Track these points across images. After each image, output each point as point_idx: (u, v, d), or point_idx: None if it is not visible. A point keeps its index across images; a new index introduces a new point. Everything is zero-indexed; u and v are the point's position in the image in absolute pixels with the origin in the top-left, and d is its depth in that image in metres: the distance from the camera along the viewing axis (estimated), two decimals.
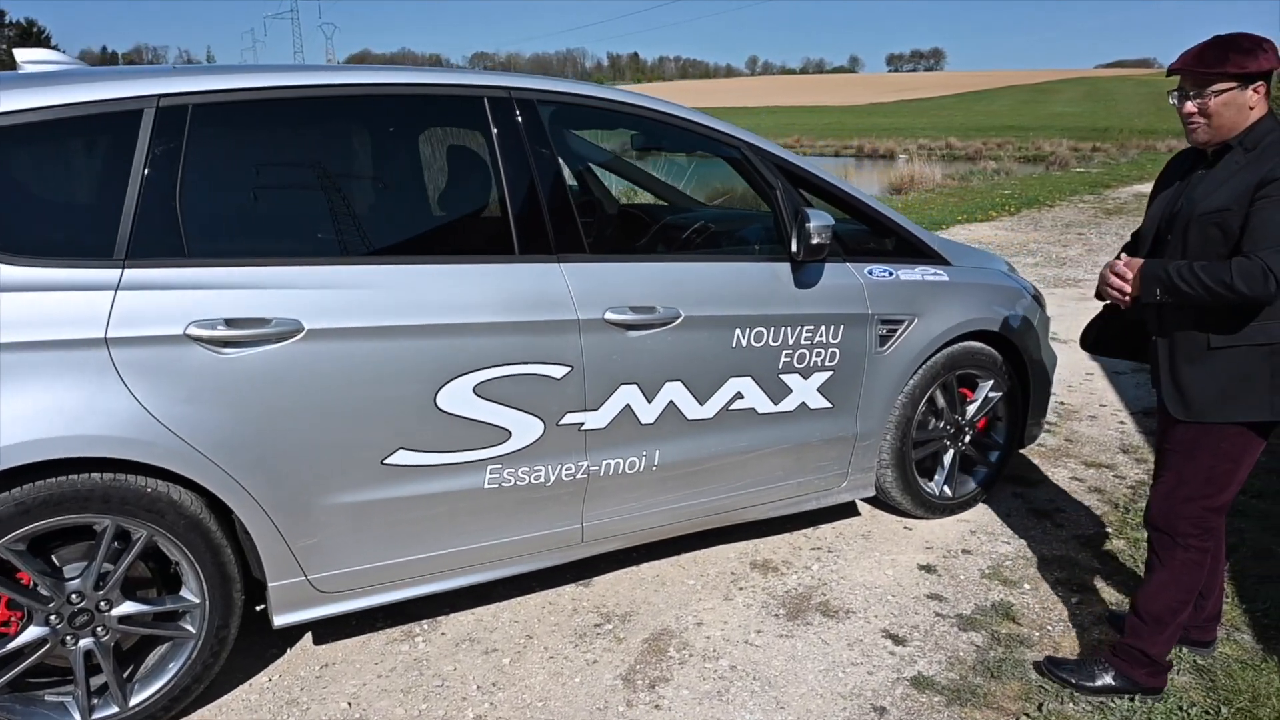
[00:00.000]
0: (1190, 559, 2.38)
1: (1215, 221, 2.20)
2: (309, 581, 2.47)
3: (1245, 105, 2.18)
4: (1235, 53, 2.16)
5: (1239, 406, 2.24)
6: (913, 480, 3.49)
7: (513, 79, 2.72)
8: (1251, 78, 2.17)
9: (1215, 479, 2.32)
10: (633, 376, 2.76)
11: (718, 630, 2.83)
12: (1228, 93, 2.18)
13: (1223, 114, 2.19)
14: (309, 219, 2.45)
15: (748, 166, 3.08)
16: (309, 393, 2.34)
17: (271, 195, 2.44)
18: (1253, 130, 2.21)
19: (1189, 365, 2.29)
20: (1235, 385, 2.23)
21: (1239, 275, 2.08)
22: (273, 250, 2.34)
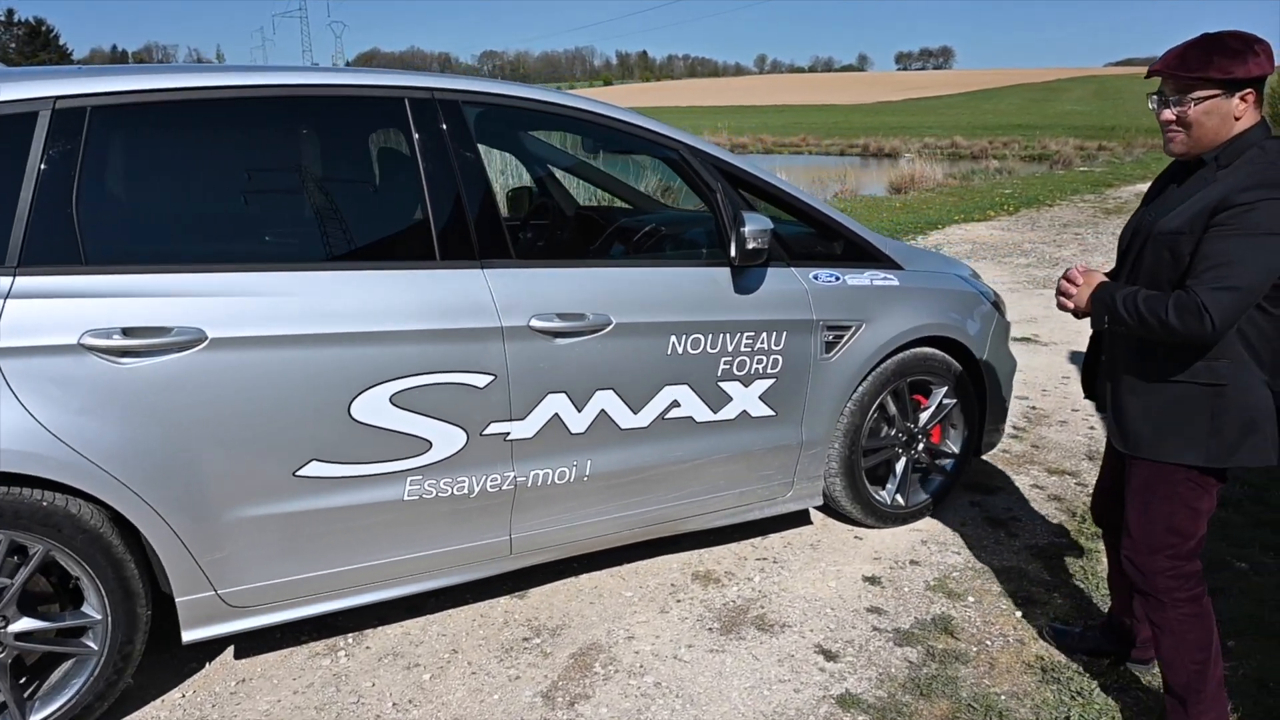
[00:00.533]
0: (1185, 614, 2.15)
1: (1168, 245, 2.02)
2: (219, 596, 2.42)
3: (1229, 115, 1.97)
4: (1221, 55, 1.93)
5: (1175, 446, 2.07)
6: (863, 489, 3.42)
7: (436, 79, 2.66)
8: (1238, 84, 1.95)
9: (1177, 528, 2.13)
10: (561, 385, 2.70)
11: (648, 645, 2.76)
12: (1210, 100, 1.96)
13: (1203, 124, 1.99)
14: (214, 224, 2.40)
15: (686, 169, 3.01)
16: (213, 403, 2.28)
17: (174, 200, 2.38)
18: (1233, 144, 1.99)
19: (1131, 395, 2.15)
20: (1173, 423, 2.07)
21: (1174, 311, 1.91)
22: (175, 257, 2.29)
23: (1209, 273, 1.90)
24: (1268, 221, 1.87)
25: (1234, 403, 2.01)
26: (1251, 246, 1.88)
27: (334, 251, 2.50)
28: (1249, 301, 1.90)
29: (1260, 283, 1.90)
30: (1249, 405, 2.01)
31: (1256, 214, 1.87)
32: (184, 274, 2.26)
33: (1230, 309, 1.88)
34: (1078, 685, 2.54)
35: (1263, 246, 1.88)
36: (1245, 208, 1.88)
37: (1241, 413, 2.01)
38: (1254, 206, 1.87)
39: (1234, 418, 2.01)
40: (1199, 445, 2.04)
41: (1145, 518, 2.16)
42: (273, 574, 2.47)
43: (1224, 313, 1.87)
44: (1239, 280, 1.88)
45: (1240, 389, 2.00)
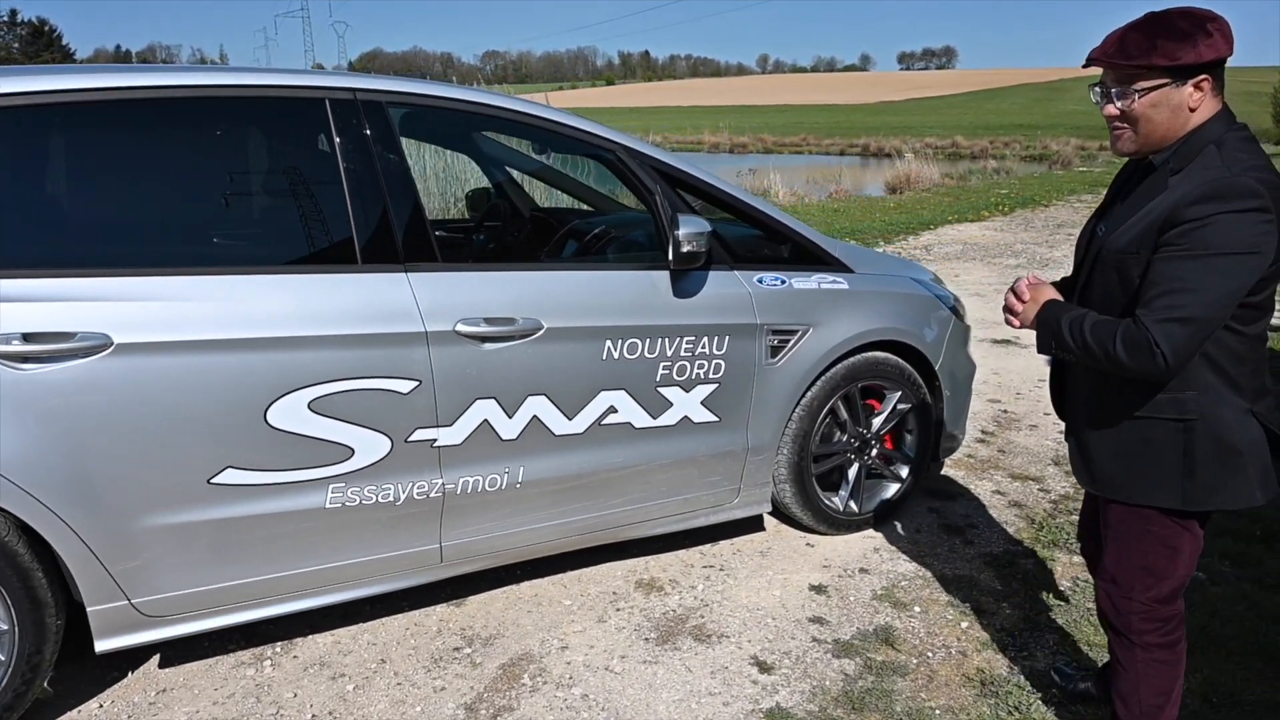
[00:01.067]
0: (1153, 659, 1.98)
1: (1116, 266, 1.81)
2: (132, 605, 2.36)
3: (1182, 106, 1.73)
4: (1166, 38, 1.68)
5: (1145, 488, 1.86)
6: (813, 495, 3.36)
7: (359, 80, 2.61)
8: (1189, 71, 1.70)
9: (1154, 569, 1.92)
10: (490, 391, 2.64)
11: (581, 655, 2.70)
12: (1157, 91, 1.73)
13: (1152, 118, 1.75)
14: (122, 227, 2.34)
15: (625, 171, 2.95)
16: (121, 410, 2.23)
17: (80, 203, 2.32)
18: (1187, 142, 1.75)
19: (1094, 431, 1.94)
20: (1142, 463, 1.85)
21: (1123, 344, 1.70)
22: (80, 260, 2.23)
23: (1159, 300, 1.68)
24: (1221, 239, 1.64)
25: (1207, 439, 1.79)
26: (1205, 270, 1.65)
27: (248, 255, 2.45)
28: (1206, 332, 1.69)
29: (1218, 311, 1.68)
30: (1225, 440, 1.79)
31: (1209, 231, 1.65)
32: (89, 278, 2.21)
33: (1185, 343, 1.67)
34: (1015, 700, 2.48)
35: (1217, 269, 1.65)
36: (1196, 224, 1.66)
37: (1217, 449, 1.79)
38: (1205, 223, 1.65)
39: (1209, 455, 1.79)
40: (1171, 487, 1.83)
41: (1120, 557, 1.97)
42: (190, 583, 2.42)
43: (1177, 347, 1.66)
44: (1193, 309, 1.65)
45: (1213, 422, 1.78)
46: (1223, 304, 1.68)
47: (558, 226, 3.74)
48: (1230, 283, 1.67)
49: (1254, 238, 1.65)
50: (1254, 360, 1.80)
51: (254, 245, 2.50)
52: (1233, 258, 1.66)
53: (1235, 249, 1.65)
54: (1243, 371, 1.78)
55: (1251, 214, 1.65)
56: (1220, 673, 2.57)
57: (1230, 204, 1.65)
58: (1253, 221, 1.65)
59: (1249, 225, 1.65)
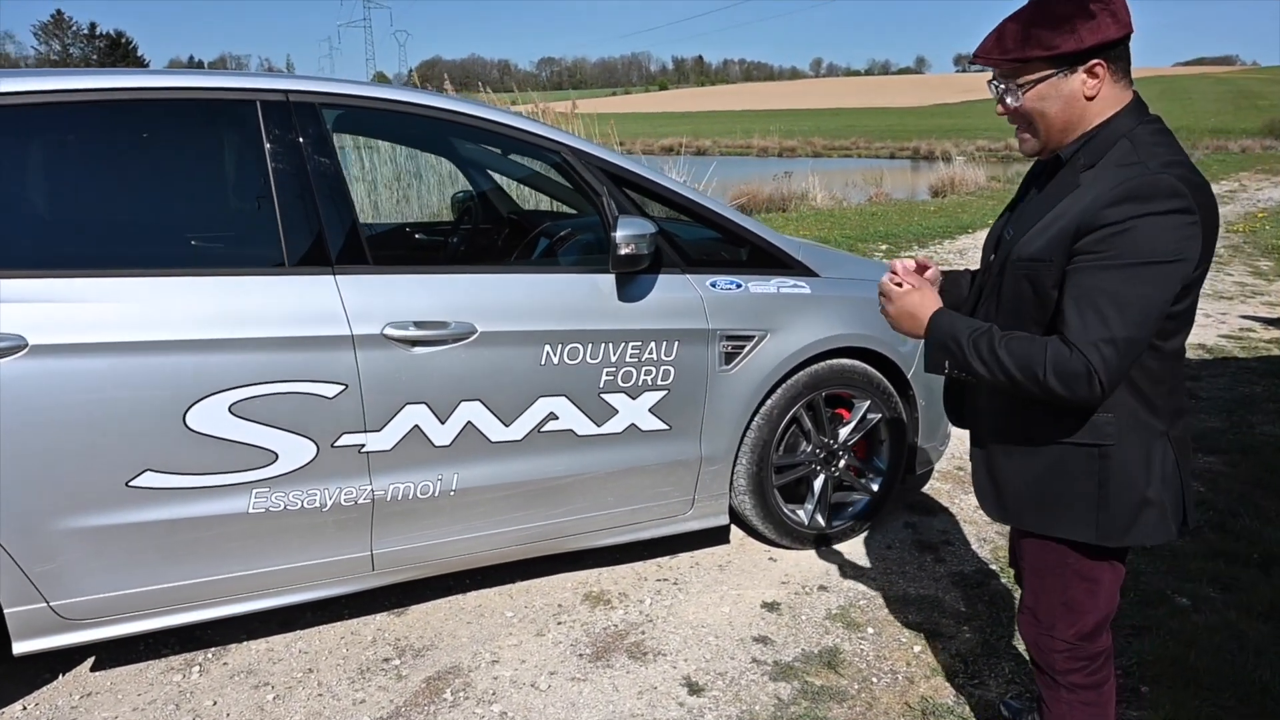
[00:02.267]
0: (1078, 700, 1.81)
1: (1027, 274, 1.62)
2: (51, 608, 2.35)
3: (1075, 96, 1.57)
4: (1042, 26, 1.54)
5: (1059, 519, 1.69)
6: (774, 507, 3.24)
7: (292, 81, 2.58)
8: (1073, 58, 1.54)
9: (1073, 605, 1.76)
10: (420, 396, 2.59)
11: (510, 670, 2.63)
12: (1042, 83, 1.57)
13: (1044, 113, 1.59)
14: (40, 229, 2.34)
15: (570, 171, 2.88)
16: (35, 412, 2.22)
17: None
18: (1097, 135, 1.59)
19: (1004, 458, 1.76)
20: (1055, 493, 1.68)
21: (1054, 370, 1.50)
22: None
23: (1086, 318, 1.49)
24: (1146, 245, 1.47)
25: (1123, 467, 1.63)
26: (1131, 280, 1.48)
27: (171, 257, 2.42)
28: (1136, 352, 1.52)
29: (1147, 328, 1.51)
30: (1140, 470, 1.63)
31: (1131, 237, 1.48)
32: (4, 280, 2.21)
33: (1118, 365, 1.49)
34: None
35: (1144, 279, 1.48)
36: (1116, 229, 1.48)
37: (1132, 479, 1.63)
38: (1125, 227, 1.48)
39: (1124, 485, 1.64)
40: (1087, 520, 1.66)
41: (1038, 592, 1.81)
42: (109, 586, 2.40)
43: (1112, 371, 1.49)
44: (1124, 328, 1.48)
45: (1130, 449, 1.62)
46: (1152, 319, 1.51)
47: (527, 230, 3.69)
48: (1158, 294, 1.49)
49: (1178, 242, 1.48)
50: (1172, 379, 1.62)
51: (179, 247, 2.48)
52: (1158, 266, 1.48)
53: (1160, 256, 1.48)
54: (1160, 391, 1.61)
55: (1174, 215, 1.48)
56: (1185, 710, 2.39)
57: (1151, 205, 1.47)
58: (1176, 224, 1.48)
59: (1173, 229, 1.48)
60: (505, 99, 11.77)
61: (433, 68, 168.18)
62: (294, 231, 2.49)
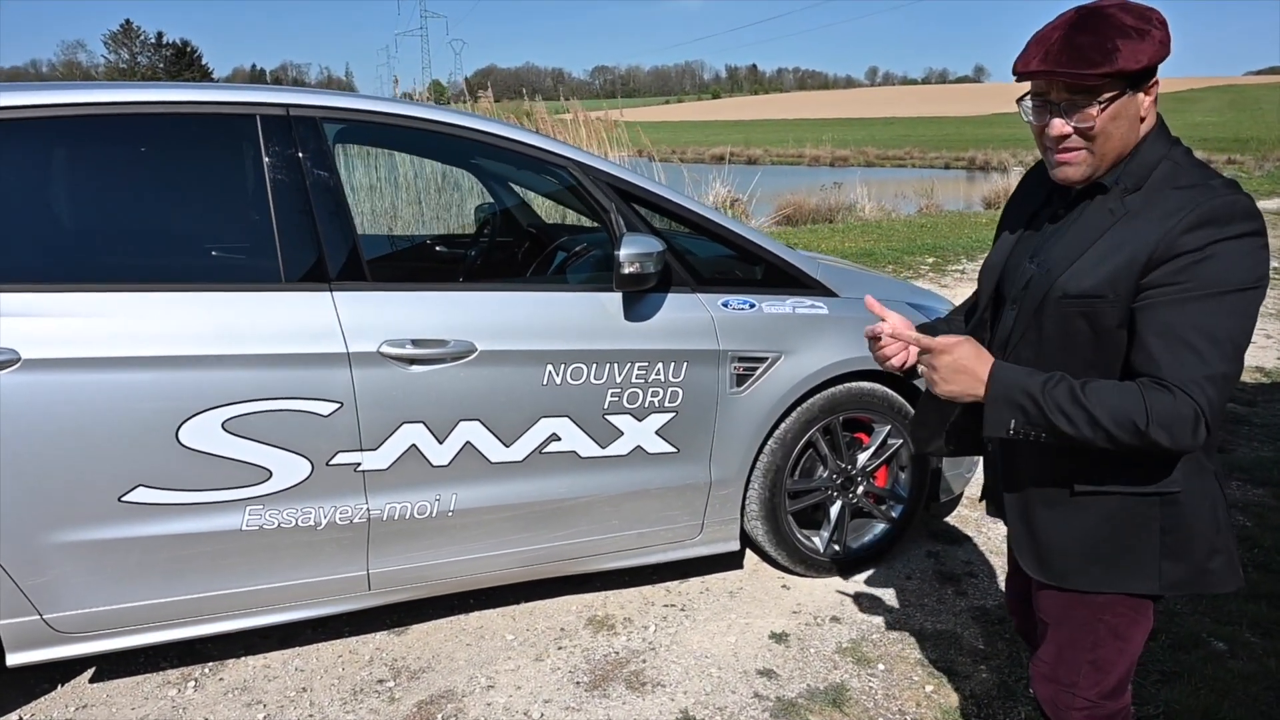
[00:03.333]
0: None
1: (1083, 312, 1.48)
2: (44, 621, 2.36)
3: (1136, 117, 1.46)
4: (1123, 37, 1.40)
5: (1116, 574, 1.56)
6: (788, 534, 3.13)
7: (293, 95, 2.56)
8: (1145, 75, 1.44)
9: (1101, 663, 1.63)
10: (418, 415, 2.55)
11: (504, 696, 2.57)
12: (1118, 100, 1.43)
13: (1112, 134, 1.46)
14: (33, 243, 2.34)
15: (578, 187, 2.82)
16: (28, 425, 2.23)
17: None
18: (1135, 158, 1.48)
19: (1047, 510, 1.62)
20: (1111, 545, 1.56)
21: (1158, 418, 1.35)
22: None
23: (1184, 355, 1.36)
24: (1227, 272, 1.36)
25: (1191, 513, 1.52)
26: (1220, 311, 1.36)
27: (167, 271, 2.41)
28: (1232, 388, 1.40)
29: (1241, 359, 1.40)
30: (1208, 515, 1.52)
31: (1214, 264, 1.36)
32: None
33: (1219, 403, 1.37)
34: None
35: (1232, 308, 1.37)
36: (1196, 256, 1.37)
37: (1201, 525, 1.52)
38: (1207, 254, 1.37)
39: (1193, 532, 1.52)
40: (1148, 572, 1.54)
41: (1062, 647, 1.67)
42: (103, 600, 2.39)
43: (1215, 411, 1.36)
44: (1222, 362, 1.36)
45: (1198, 494, 1.51)
46: (1243, 350, 1.40)
47: (545, 244, 3.65)
48: (1244, 324, 1.39)
49: (1258, 266, 1.38)
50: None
51: (175, 261, 2.47)
52: (1243, 294, 1.38)
53: (1244, 283, 1.38)
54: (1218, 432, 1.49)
55: (1250, 238, 1.38)
56: None
57: (1230, 228, 1.37)
58: (1253, 248, 1.39)
59: (1250, 253, 1.38)
60: (550, 106, 11.80)
61: (487, 76, 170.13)
62: (292, 247, 2.47)
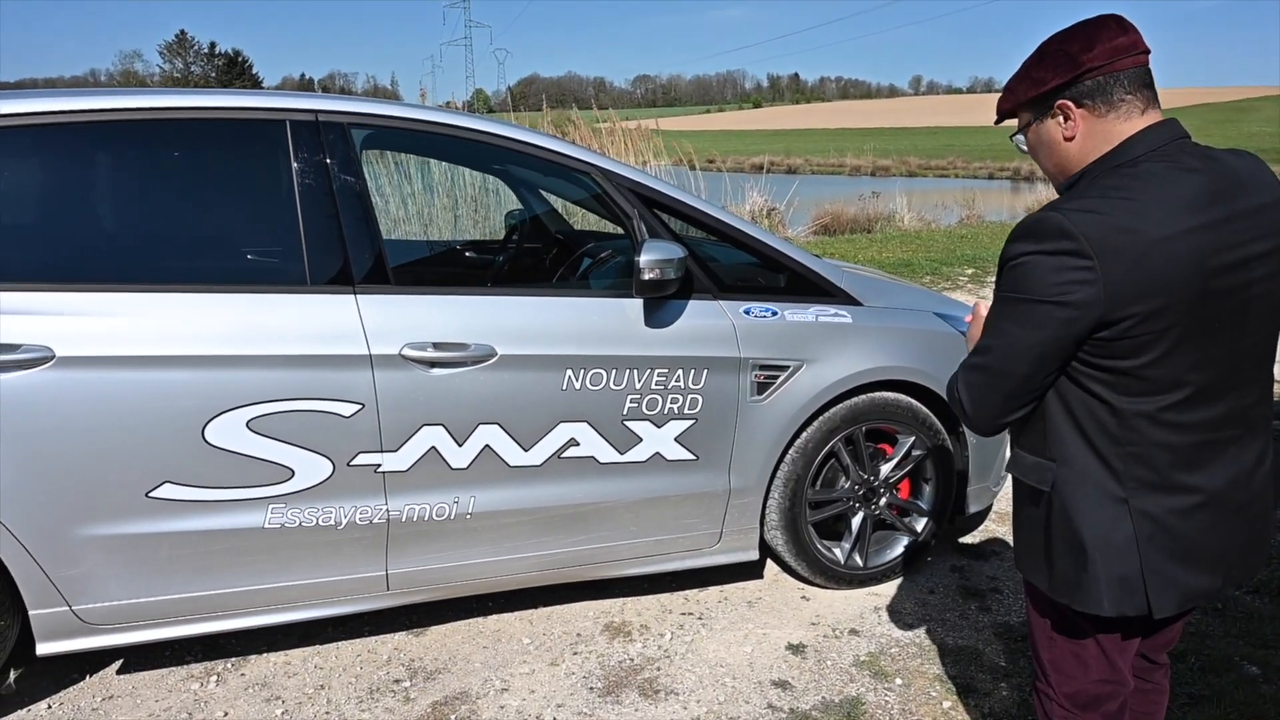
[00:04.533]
0: None
1: None
2: (73, 612, 2.42)
3: (1054, 141, 1.51)
4: (1017, 78, 1.55)
5: (1024, 561, 1.61)
6: (808, 545, 3.11)
7: (322, 101, 2.61)
8: (1038, 103, 1.51)
9: (1058, 664, 1.63)
10: (438, 417, 2.58)
11: (518, 700, 2.58)
12: (1027, 130, 1.56)
13: (1039, 158, 1.59)
14: (73, 244, 2.41)
15: (601, 193, 2.84)
16: (61, 421, 2.29)
17: (35, 219, 2.41)
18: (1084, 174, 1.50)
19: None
20: (1022, 531, 1.63)
21: (949, 387, 1.59)
22: (29, 275, 2.31)
23: (975, 344, 1.57)
24: (1023, 282, 1.41)
25: (1058, 519, 1.51)
26: (1005, 315, 1.45)
27: (196, 273, 2.47)
28: (1006, 387, 1.46)
29: (1017, 365, 1.43)
30: (1074, 527, 1.48)
31: (1016, 273, 1.43)
32: (35, 292, 2.28)
33: (980, 394, 1.49)
34: None
35: (1014, 315, 1.43)
36: (1010, 264, 1.45)
37: (1067, 534, 1.50)
38: (1013, 264, 1.44)
39: (1060, 539, 1.51)
40: (1039, 567, 1.57)
41: (1033, 634, 1.69)
42: (129, 594, 2.45)
43: (975, 398, 1.50)
44: (988, 357, 1.48)
45: (1067, 501, 1.49)
46: (1022, 359, 1.43)
47: (573, 250, 3.67)
48: (1028, 333, 1.42)
49: (1059, 285, 1.37)
50: (1139, 444, 1.44)
51: (204, 263, 2.53)
52: (1032, 305, 1.41)
53: (1035, 295, 1.40)
54: (1120, 454, 1.45)
55: (1058, 257, 1.37)
56: None
57: (1037, 244, 1.40)
58: (1056, 266, 1.37)
59: (1052, 270, 1.38)
60: (588, 116, 11.86)
61: (530, 85, 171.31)
62: (318, 250, 2.51)
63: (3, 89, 2.65)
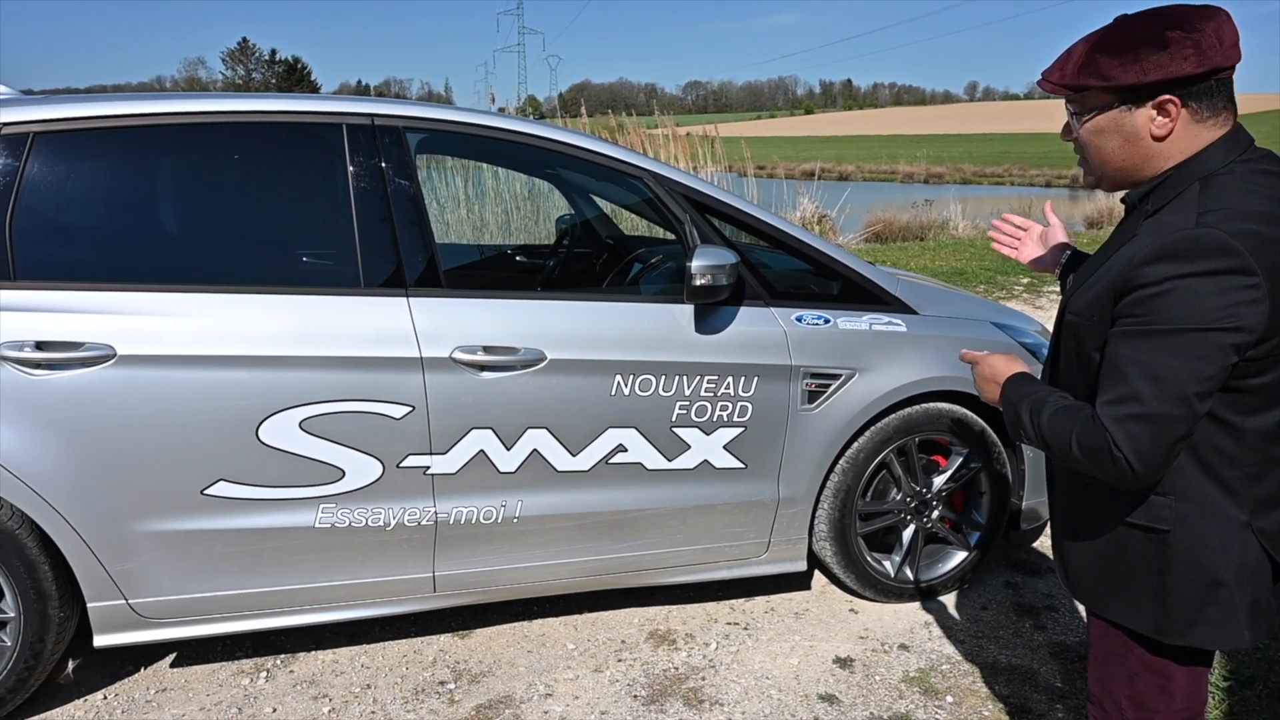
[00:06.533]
0: None
1: (1074, 333, 1.48)
2: (129, 606, 2.47)
3: (1138, 135, 1.39)
4: (1107, 53, 1.37)
5: (1119, 604, 1.51)
6: (857, 557, 3.05)
7: (378, 105, 2.64)
8: (1135, 92, 1.37)
9: (1141, 699, 1.54)
10: (487, 420, 2.58)
11: (561, 706, 2.57)
12: (1101, 115, 1.41)
13: (1099, 148, 1.44)
14: (135, 245, 2.47)
15: (653, 198, 2.82)
16: (121, 417, 2.34)
17: (100, 221, 2.47)
18: (1171, 178, 1.40)
19: (1067, 528, 1.61)
20: (1112, 576, 1.51)
21: (1079, 444, 1.36)
22: (94, 275, 2.36)
23: (1115, 390, 1.34)
24: (1182, 310, 1.28)
25: (1183, 556, 1.42)
26: (1164, 350, 1.30)
27: (252, 275, 2.50)
28: (1178, 431, 1.32)
29: (1186, 405, 1.30)
30: (1205, 560, 1.41)
31: (1167, 300, 1.29)
32: (99, 291, 2.34)
33: (1151, 445, 1.31)
34: None
35: (1179, 349, 1.29)
36: (1151, 290, 1.31)
37: (1194, 571, 1.42)
38: (1162, 289, 1.30)
39: (1184, 577, 1.43)
40: (1143, 609, 1.47)
41: (1102, 679, 1.61)
42: (183, 589, 2.50)
43: (1143, 452, 1.31)
44: (1154, 404, 1.30)
45: (1193, 537, 1.41)
46: (1191, 395, 1.30)
47: (623, 255, 3.66)
48: (1198, 367, 1.29)
49: (1226, 308, 1.27)
50: (1258, 462, 1.39)
51: (261, 265, 2.56)
52: (1198, 335, 1.28)
53: (1200, 323, 1.28)
54: (1239, 476, 1.39)
55: (1222, 276, 1.27)
56: None
57: (1192, 264, 1.28)
58: (1223, 287, 1.27)
59: (1218, 292, 1.27)
60: (642, 122, 11.89)
61: (581, 91, 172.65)
62: (371, 253, 2.54)
63: (73, 94, 2.72)
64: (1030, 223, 2.00)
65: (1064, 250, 1.89)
